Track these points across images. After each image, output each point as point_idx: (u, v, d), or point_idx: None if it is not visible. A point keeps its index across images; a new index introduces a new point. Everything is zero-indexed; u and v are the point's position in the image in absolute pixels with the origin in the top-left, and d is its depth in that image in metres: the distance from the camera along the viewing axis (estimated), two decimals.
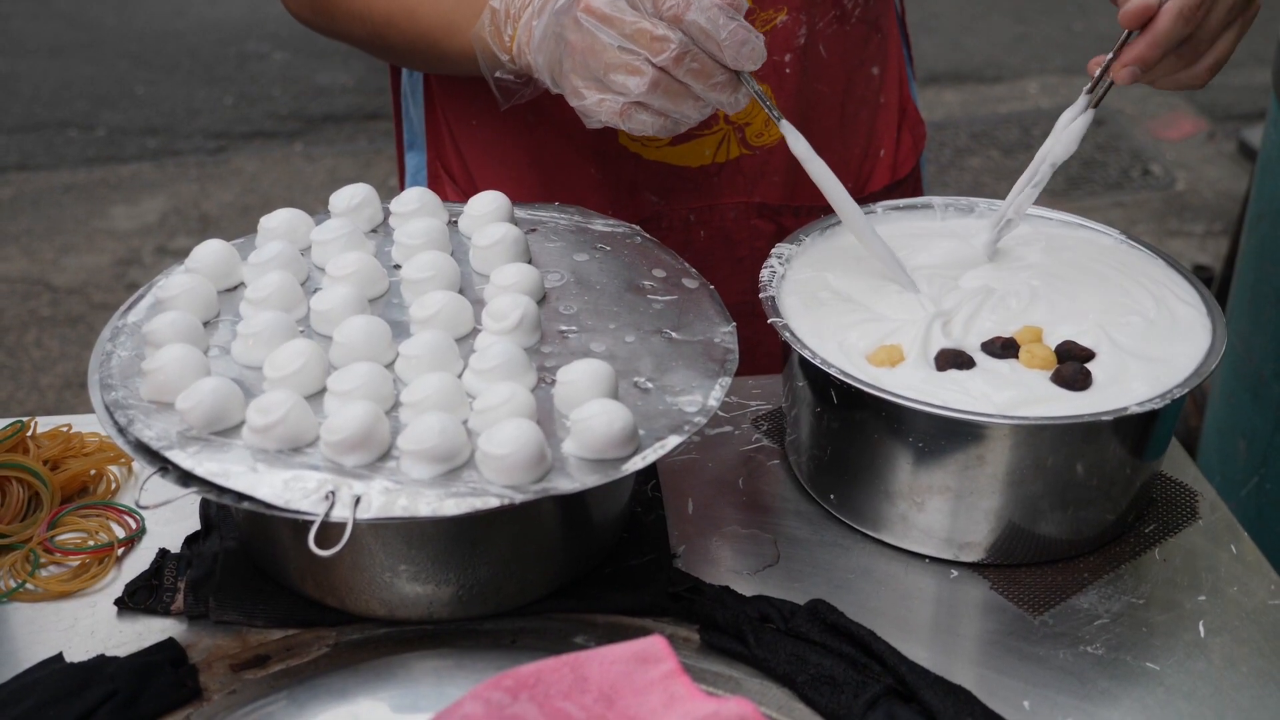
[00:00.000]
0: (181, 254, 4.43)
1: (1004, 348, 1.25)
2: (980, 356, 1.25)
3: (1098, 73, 1.30)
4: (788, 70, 1.54)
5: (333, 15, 1.52)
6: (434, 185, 1.68)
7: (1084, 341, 1.26)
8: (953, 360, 1.23)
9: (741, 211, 1.62)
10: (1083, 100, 1.31)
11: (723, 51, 1.19)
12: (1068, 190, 4.94)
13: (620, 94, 1.21)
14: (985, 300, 1.33)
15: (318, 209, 1.40)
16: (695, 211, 1.61)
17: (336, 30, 1.54)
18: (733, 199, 1.62)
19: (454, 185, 1.66)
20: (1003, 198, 1.41)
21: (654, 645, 0.95)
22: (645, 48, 1.19)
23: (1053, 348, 1.25)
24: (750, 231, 1.62)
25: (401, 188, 1.79)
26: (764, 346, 1.36)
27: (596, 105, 1.23)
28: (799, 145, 1.30)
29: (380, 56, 1.58)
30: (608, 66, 1.21)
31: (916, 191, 1.76)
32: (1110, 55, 1.28)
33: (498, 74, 1.35)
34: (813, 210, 1.45)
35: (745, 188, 1.62)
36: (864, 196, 1.63)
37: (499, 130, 1.60)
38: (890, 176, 1.70)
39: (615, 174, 1.58)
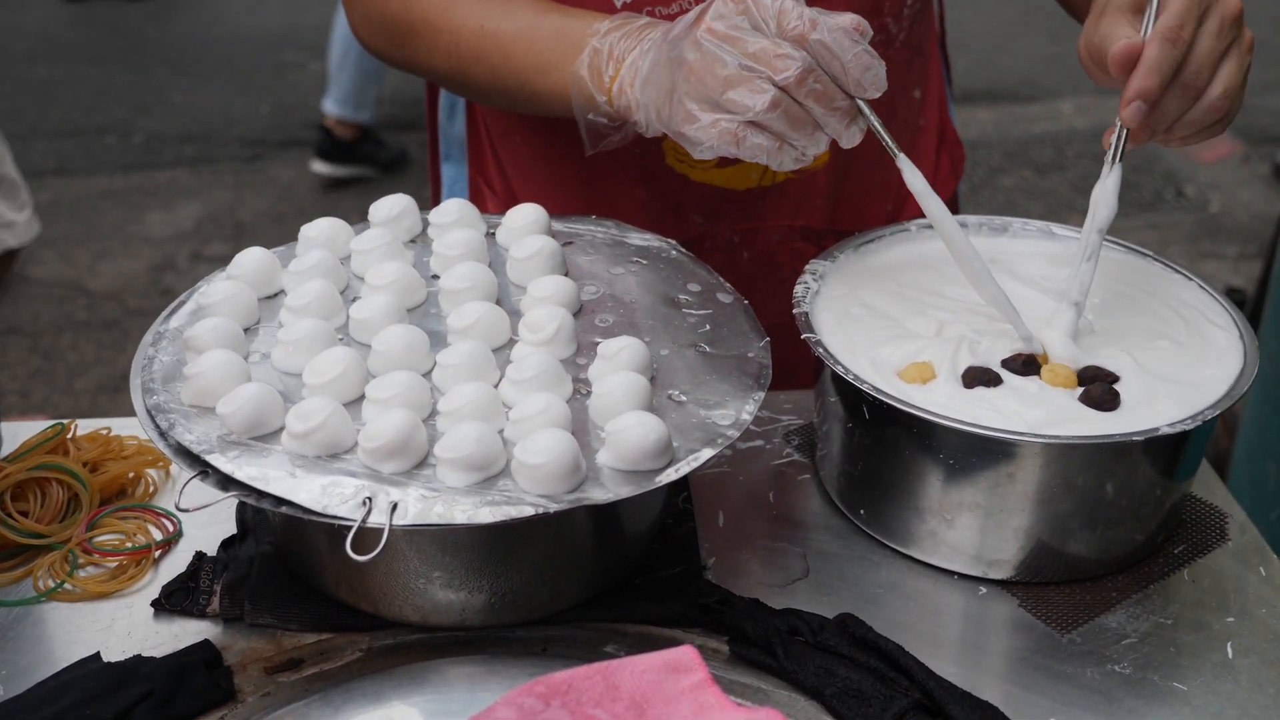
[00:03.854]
0: (216, 260, 4.48)
1: (1025, 365, 1.25)
2: (1005, 374, 1.25)
3: (1114, 136, 1.26)
4: None
5: (415, 48, 1.48)
6: (474, 198, 1.68)
7: (1112, 364, 1.26)
8: (980, 378, 1.24)
9: (785, 234, 1.63)
10: (1106, 167, 1.28)
11: (846, 74, 1.17)
12: None
13: (737, 113, 1.18)
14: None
15: (351, 219, 1.41)
16: (740, 233, 1.62)
17: (414, 62, 1.51)
18: (777, 222, 1.62)
19: (495, 199, 1.67)
20: (1036, 217, 1.41)
21: (685, 655, 0.96)
22: (767, 66, 1.16)
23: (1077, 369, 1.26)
24: (793, 254, 1.62)
25: (434, 199, 1.79)
26: (803, 366, 1.36)
27: (710, 126, 1.20)
28: (916, 181, 1.27)
29: (455, 90, 1.56)
30: (727, 83, 1.18)
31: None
32: (1117, 123, 1.25)
33: (590, 116, 1.33)
34: (854, 234, 1.45)
35: (789, 211, 1.62)
36: (902, 219, 1.63)
37: (544, 147, 1.60)
38: None
39: (662, 195, 1.58)
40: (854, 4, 1.50)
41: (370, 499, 1.05)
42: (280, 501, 1.06)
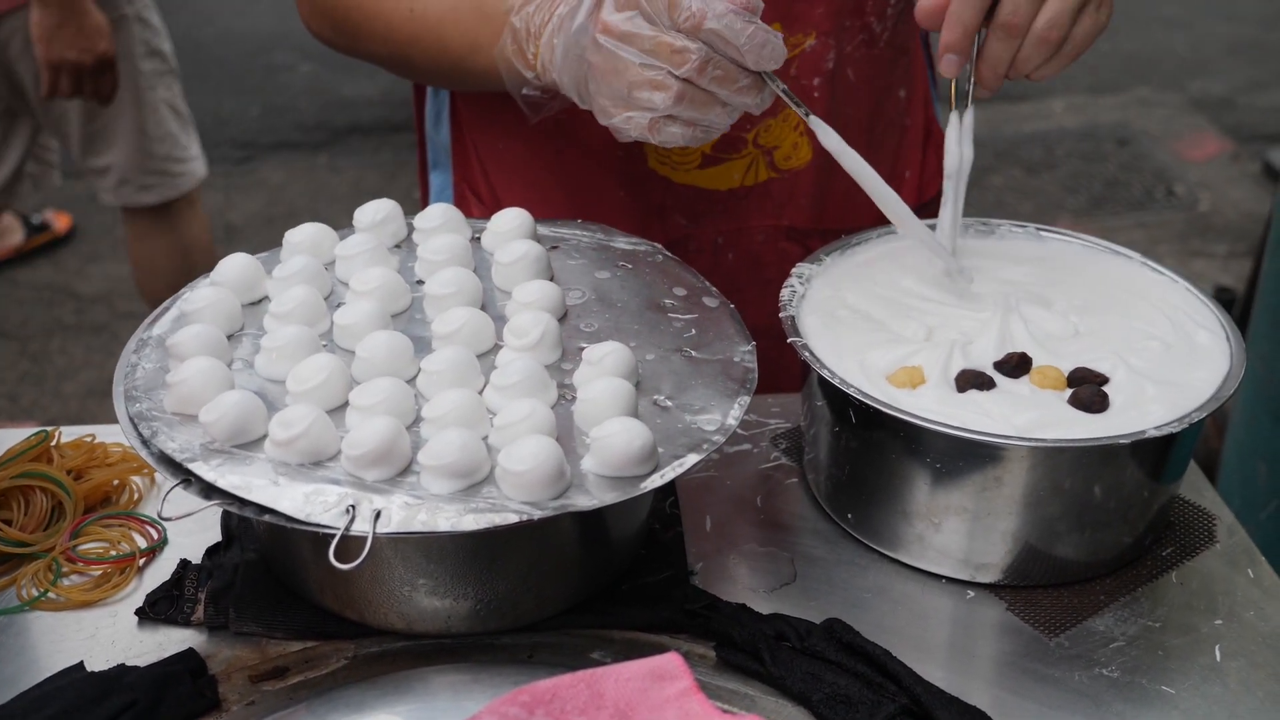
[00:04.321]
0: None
1: (1017, 366, 1.25)
2: (999, 377, 1.25)
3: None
4: (816, 95, 1.54)
5: (354, 35, 1.52)
6: (459, 205, 1.69)
7: (1100, 366, 1.26)
8: (973, 381, 1.23)
9: (770, 234, 1.63)
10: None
11: (744, 56, 1.18)
12: (1090, 210, 4.94)
13: (647, 110, 1.21)
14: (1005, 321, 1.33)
15: (342, 220, 1.40)
16: (724, 234, 1.62)
17: (357, 49, 1.55)
18: (761, 222, 1.62)
19: (480, 205, 1.67)
20: (1025, 217, 1.42)
21: (670, 662, 0.95)
22: (666, 61, 1.19)
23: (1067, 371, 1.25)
24: (778, 254, 1.62)
25: (424, 204, 1.79)
26: (791, 369, 1.36)
27: (625, 123, 1.24)
28: (830, 139, 1.29)
29: (402, 75, 1.59)
30: (631, 84, 1.21)
31: None
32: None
33: (524, 91, 1.36)
34: (840, 234, 1.45)
35: (773, 210, 1.62)
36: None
37: (527, 153, 1.60)
38: (916, 199, 1.70)
39: (644, 197, 1.59)
40: (834, 4, 1.50)
41: (354, 507, 1.04)
42: (263, 510, 1.05)
